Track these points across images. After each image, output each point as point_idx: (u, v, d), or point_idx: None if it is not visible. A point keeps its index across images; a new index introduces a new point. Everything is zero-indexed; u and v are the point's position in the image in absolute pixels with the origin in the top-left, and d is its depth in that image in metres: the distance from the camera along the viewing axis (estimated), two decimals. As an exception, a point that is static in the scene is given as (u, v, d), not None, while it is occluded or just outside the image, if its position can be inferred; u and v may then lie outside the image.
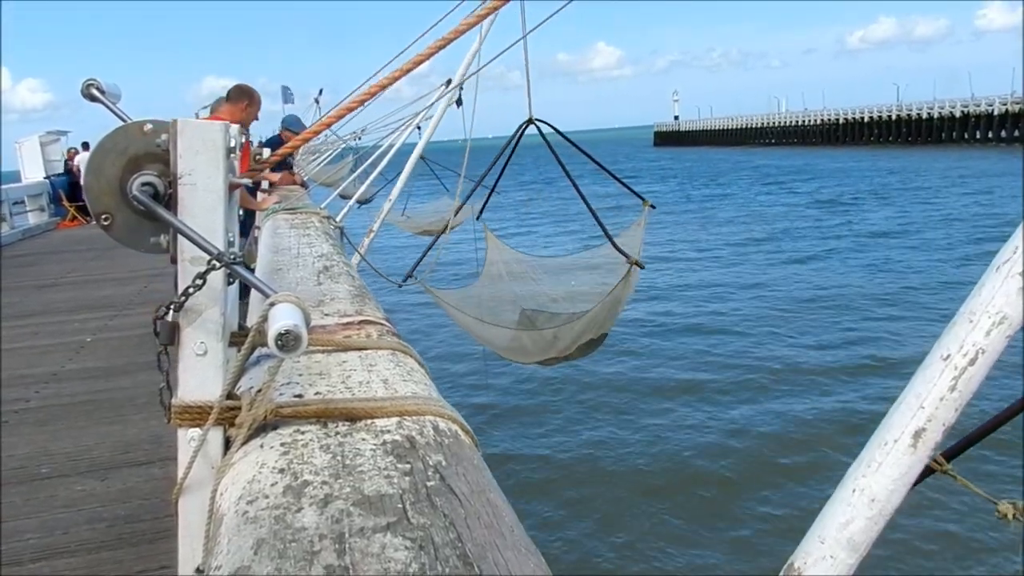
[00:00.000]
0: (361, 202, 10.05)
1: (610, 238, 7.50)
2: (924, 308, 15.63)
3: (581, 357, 7.79)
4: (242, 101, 5.96)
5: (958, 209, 30.44)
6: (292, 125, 8.67)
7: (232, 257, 1.20)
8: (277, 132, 9.09)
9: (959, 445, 1.31)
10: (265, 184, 7.83)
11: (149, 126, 1.24)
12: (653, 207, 7.74)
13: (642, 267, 7.27)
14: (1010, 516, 1.40)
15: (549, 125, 7.43)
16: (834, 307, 16.14)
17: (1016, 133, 65.79)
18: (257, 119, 6.30)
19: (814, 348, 13.37)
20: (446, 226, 7.79)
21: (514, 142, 7.45)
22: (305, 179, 11.71)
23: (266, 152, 6.68)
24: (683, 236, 27.93)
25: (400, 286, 7.10)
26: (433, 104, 7.91)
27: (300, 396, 1.31)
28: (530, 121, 7.13)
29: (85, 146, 17.53)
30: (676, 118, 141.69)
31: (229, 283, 1.30)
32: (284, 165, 8.16)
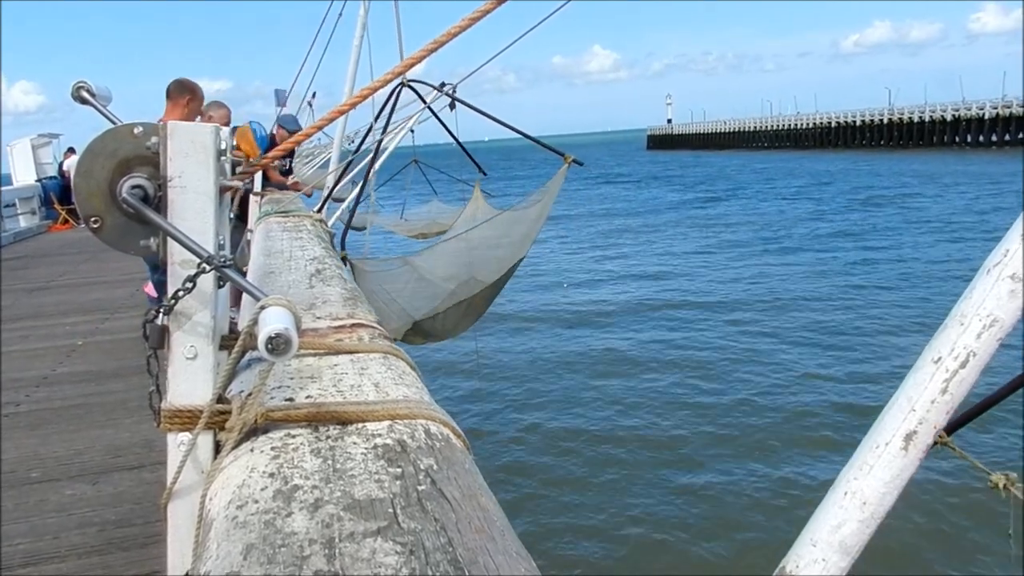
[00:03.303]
0: (355, 228, 9.68)
1: (542, 144, 8.34)
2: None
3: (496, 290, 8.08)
4: (183, 96, 5.65)
5: (949, 213, 30.58)
6: (287, 124, 8.14)
7: (222, 260, 1.20)
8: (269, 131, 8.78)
9: (959, 419, 1.32)
10: (257, 187, 7.75)
11: (139, 128, 1.23)
12: (580, 163, 8.03)
13: (580, 164, 7.95)
14: (1001, 487, 1.42)
15: (430, 85, 7.80)
16: (833, 309, 16.20)
17: (1007, 137, 66.16)
18: (202, 115, 5.98)
19: (809, 349, 13.43)
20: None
21: (390, 106, 7.64)
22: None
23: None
24: (670, 242, 28.00)
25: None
26: (424, 108, 7.95)
27: (291, 400, 1.30)
28: (403, 84, 7.25)
29: (72, 151, 17.49)
30: (669, 121, 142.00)
31: (220, 286, 1.29)
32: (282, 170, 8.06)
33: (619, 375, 12.60)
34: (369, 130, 8.19)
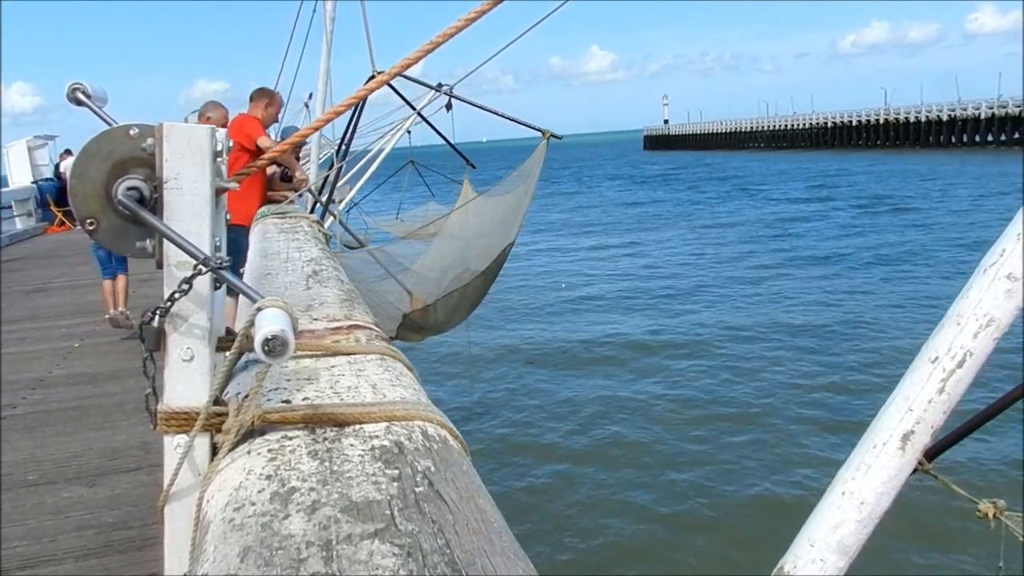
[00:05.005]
0: (351, 247, 9.54)
1: (522, 123, 8.71)
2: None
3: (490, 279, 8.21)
4: (263, 100, 6.33)
5: (944, 214, 30.62)
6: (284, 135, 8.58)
7: (219, 262, 1.20)
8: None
9: (941, 443, 1.30)
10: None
11: (135, 130, 1.22)
12: (558, 137, 8.29)
13: (559, 138, 8.29)
14: (991, 515, 1.41)
15: (407, 77, 8.04)
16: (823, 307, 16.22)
17: (1003, 137, 66.31)
18: (278, 121, 6.54)
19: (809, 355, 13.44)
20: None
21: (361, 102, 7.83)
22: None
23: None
24: (670, 243, 27.98)
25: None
26: (422, 108, 7.97)
27: (288, 402, 1.30)
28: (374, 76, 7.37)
29: (68, 153, 17.47)
30: (666, 122, 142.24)
31: (216, 288, 1.29)
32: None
33: (619, 398, 12.53)
34: (345, 133, 8.29)
